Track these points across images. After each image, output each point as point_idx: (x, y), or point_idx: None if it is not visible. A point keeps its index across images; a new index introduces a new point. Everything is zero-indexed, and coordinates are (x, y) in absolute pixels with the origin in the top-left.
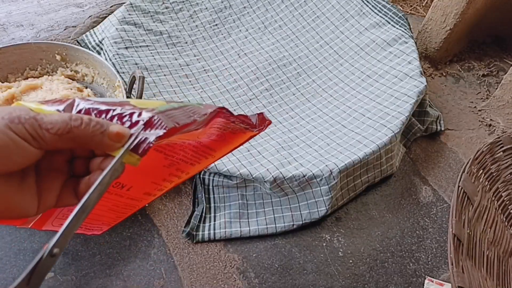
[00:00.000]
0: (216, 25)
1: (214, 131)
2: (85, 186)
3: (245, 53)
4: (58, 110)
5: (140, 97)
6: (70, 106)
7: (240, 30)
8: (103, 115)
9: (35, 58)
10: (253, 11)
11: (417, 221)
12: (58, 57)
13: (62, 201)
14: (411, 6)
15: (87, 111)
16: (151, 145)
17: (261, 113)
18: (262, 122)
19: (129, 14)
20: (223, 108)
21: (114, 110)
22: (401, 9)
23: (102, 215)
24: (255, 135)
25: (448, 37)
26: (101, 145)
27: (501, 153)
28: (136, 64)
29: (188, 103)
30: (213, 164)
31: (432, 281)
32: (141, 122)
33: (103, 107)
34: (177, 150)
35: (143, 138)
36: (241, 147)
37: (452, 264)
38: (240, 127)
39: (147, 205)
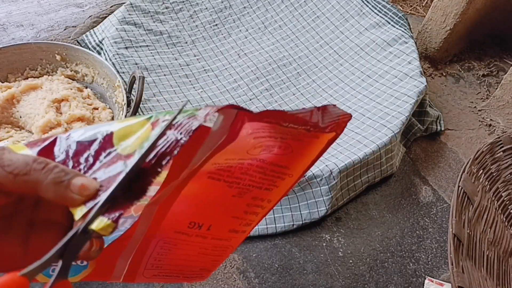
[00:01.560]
0: (216, 25)
1: (267, 142)
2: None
3: (245, 53)
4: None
5: (140, 97)
6: (48, 149)
7: (240, 30)
8: (79, 157)
9: (35, 58)
10: (253, 11)
11: (417, 221)
12: (58, 57)
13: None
14: (411, 6)
15: (67, 153)
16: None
17: (325, 107)
18: (330, 117)
19: (129, 14)
20: (232, 106)
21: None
22: (401, 9)
23: (195, 260)
24: (334, 138)
25: (448, 37)
26: (62, 197)
27: (501, 153)
28: (136, 64)
29: (178, 117)
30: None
31: (432, 281)
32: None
33: (80, 147)
34: (237, 174)
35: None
36: None
37: (452, 264)
38: (301, 131)
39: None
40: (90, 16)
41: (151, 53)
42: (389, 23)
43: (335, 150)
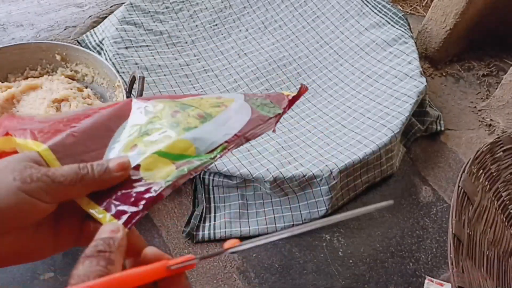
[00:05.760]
0: (216, 25)
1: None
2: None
3: (245, 53)
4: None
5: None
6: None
7: (240, 30)
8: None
9: (35, 58)
10: (253, 11)
11: (417, 221)
12: (58, 57)
13: (81, 241)
14: (411, 6)
15: None
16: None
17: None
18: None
19: (129, 14)
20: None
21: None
22: (401, 9)
23: None
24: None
25: (448, 37)
26: (111, 182)
27: (501, 153)
28: (136, 64)
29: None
30: (213, 164)
31: (432, 281)
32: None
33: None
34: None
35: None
36: (241, 147)
37: (452, 264)
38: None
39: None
40: (90, 16)
41: (151, 53)
42: (389, 23)
43: (335, 150)
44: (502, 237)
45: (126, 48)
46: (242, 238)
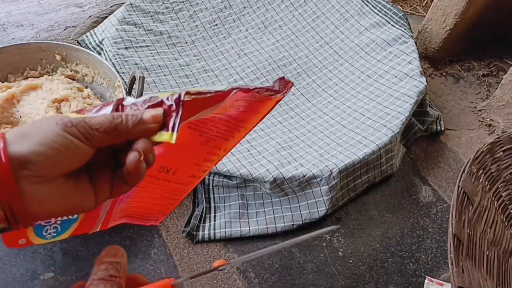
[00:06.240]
0: (216, 25)
1: (241, 103)
2: (128, 167)
3: (245, 53)
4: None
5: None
6: (115, 106)
7: (240, 30)
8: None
9: (35, 58)
10: (253, 11)
11: (417, 221)
12: (58, 57)
13: (116, 190)
14: (411, 6)
15: (123, 107)
16: (181, 108)
17: (282, 77)
18: (285, 85)
19: (129, 14)
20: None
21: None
22: (401, 9)
23: (156, 203)
24: (280, 100)
25: (448, 37)
26: (141, 132)
27: (501, 153)
28: (136, 64)
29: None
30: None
31: (432, 281)
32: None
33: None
34: (209, 126)
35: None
36: (241, 147)
37: (452, 264)
38: (266, 95)
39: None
40: (90, 16)
41: (151, 53)
42: (389, 23)
43: (335, 150)
44: (502, 237)
45: (126, 48)
46: (242, 238)
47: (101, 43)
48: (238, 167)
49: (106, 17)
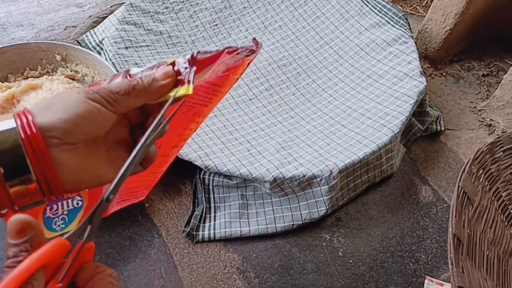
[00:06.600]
0: (216, 25)
1: (221, 67)
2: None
3: None
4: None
5: None
6: (124, 76)
7: (240, 30)
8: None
9: (35, 58)
10: (253, 11)
11: (417, 221)
12: (58, 57)
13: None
14: (411, 6)
15: (131, 77)
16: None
17: (254, 38)
18: (256, 46)
19: (129, 14)
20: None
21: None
22: (401, 9)
23: (142, 179)
24: (251, 62)
25: (448, 37)
26: (158, 90)
27: (501, 153)
28: (136, 64)
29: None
30: (213, 164)
31: (432, 281)
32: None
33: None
34: (192, 95)
35: (185, 72)
36: (241, 147)
37: (452, 264)
38: (243, 56)
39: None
40: (90, 16)
41: (151, 53)
42: (389, 23)
43: (335, 150)
44: (502, 237)
45: (126, 48)
46: (242, 238)
47: (101, 43)
48: (238, 167)
49: (106, 17)
